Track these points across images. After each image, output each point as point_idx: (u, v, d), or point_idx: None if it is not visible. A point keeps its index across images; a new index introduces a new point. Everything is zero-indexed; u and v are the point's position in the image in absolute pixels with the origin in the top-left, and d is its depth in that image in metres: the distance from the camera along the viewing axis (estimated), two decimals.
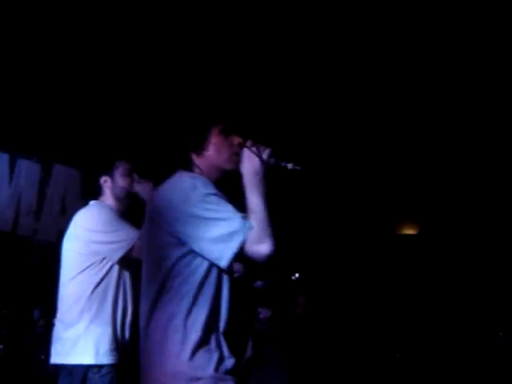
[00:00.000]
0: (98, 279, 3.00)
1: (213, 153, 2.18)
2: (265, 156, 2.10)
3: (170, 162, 2.28)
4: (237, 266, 4.90)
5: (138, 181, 3.19)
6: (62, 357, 3.02)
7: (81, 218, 3.13)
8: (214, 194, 2.03)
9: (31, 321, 4.83)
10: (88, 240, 3.02)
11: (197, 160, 2.20)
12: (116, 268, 3.04)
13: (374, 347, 6.15)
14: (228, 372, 2.06)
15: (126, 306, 3.08)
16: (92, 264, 3.01)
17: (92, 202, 3.23)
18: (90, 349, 2.94)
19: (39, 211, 5.37)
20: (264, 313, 4.64)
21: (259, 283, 4.62)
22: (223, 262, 1.98)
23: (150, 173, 3.28)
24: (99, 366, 2.94)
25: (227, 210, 2.01)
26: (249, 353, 4.69)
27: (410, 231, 7.12)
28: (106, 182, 3.21)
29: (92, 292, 2.98)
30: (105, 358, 2.96)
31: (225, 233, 1.96)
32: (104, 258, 3.01)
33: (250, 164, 2.09)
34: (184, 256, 2.02)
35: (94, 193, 3.26)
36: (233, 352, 4.96)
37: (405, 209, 6.89)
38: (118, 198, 3.20)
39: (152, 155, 4.95)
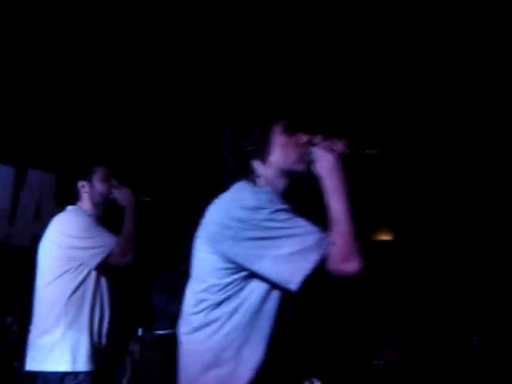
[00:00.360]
0: (75, 285, 2.96)
1: (279, 156, 1.85)
2: (341, 149, 1.81)
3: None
4: None
5: (116, 186, 3.17)
6: (37, 363, 2.97)
7: (58, 223, 3.10)
8: (283, 210, 1.72)
9: (4, 327, 4.77)
10: (65, 245, 2.98)
11: (260, 168, 1.86)
12: (93, 274, 3.01)
13: (350, 352, 6.17)
14: None
15: (103, 312, 3.05)
16: (69, 270, 2.97)
17: (69, 208, 3.19)
18: (66, 356, 2.91)
19: (13, 216, 5.30)
20: None
21: None
22: (293, 286, 1.67)
23: (128, 178, 3.27)
24: (76, 373, 2.91)
25: (299, 224, 1.70)
26: None
27: (385, 237, 7.18)
28: (83, 187, 3.18)
29: (69, 298, 2.95)
30: (81, 365, 2.92)
31: (296, 250, 1.66)
32: (81, 264, 2.98)
33: (325, 162, 1.79)
34: (236, 281, 1.73)
35: (71, 198, 3.23)
36: None
37: (380, 215, 6.95)
38: (95, 204, 3.17)
39: (130, 160, 4.93)
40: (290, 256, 1.66)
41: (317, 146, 1.82)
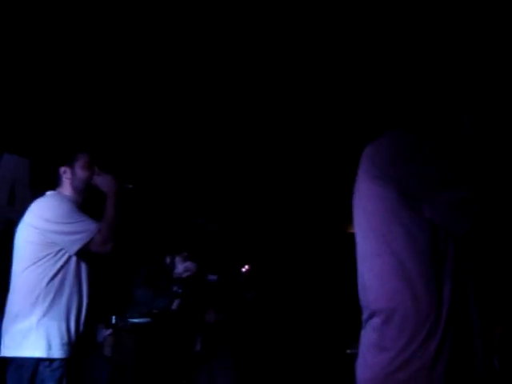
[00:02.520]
0: (53, 271, 2.94)
1: None
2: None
3: None
4: (189, 265, 4.90)
5: (98, 173, 3.15)
6: (11, 350, 2.95)
7: (38, 207, 3.07)
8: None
9: None
10: (45, 230, 2.96)
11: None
12: (73, 261, 2.99)
13: (324, 343, 6.22)
14: None
15: (82, 299, 3.03)
16: (47, 255, 2.95)
17: (50, 193, 3.17)
18: (41, 342, 2.89)
19: None
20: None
21: (212, 277, 4.62)
22: (460, 229, 1.66)
23: (111, 165, 3.25)
24: (51, 360, 2.89)
25: (460, 169, 1.71)
26: (198, 347, 4.68)
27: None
28: (65, 173, 3.15)
29: (47, 284, 2.93)
30: (57, 351, 2.91)
31: (465, 195, 1.66)
32: (60, 250, 2.96)
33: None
34: (416, 220, 1.69)
35: (50, 183, 3.20)
36: (182, 347, 4.91)
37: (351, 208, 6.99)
38: (76, 190, 3.15)
39: (112, 147, 4.89)
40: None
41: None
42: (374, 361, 1.68)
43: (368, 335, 1.75)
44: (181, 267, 4.93)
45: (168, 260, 4.98)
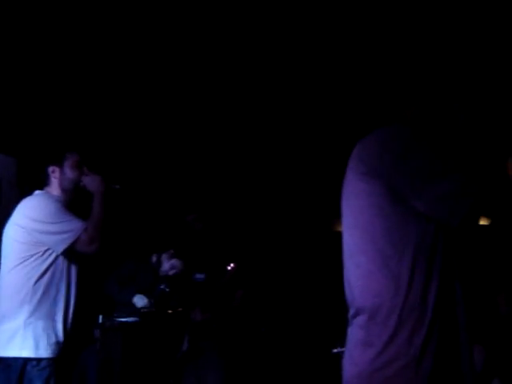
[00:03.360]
0: (40, 271, 2.94)
1: None
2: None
3: None
4: (175, 263, 4.90)
5: (86, 173, 3.15)
6: (1, 349, 2.94)
7: (26, 207, 3.07)
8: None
9: None
10: (32, 229, 2.96)
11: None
12: (60, 261, 2.99)
13: (310, 341, 6.25)
14: None
15: (69, 299, 3.03)
16: (34, 254, 2.95)
17: (37, 192, 3.16)
18: (29, 342, 2.88)
19: None
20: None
21: (200, 276, 4.62)
22: (454, 221, 1.67)
23: (99, 165, 3.25)
24: (38, 360, 2.89)
25: (450, 160, 1.71)
26: (185, 346, 4.68)
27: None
28: (54, 173, 3.15)
29: (34, 284, 2.92)
30: (44, 351, 2.91)
31: (457, 186, 1.67)
32: (47, 250, 2.96)
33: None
34: (404, 216, 1.70)
35: (37, 182, 3.19)
36: (169, 347, 4.90)
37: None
38: (64, 190, 3.15)
39: (100, 147, 4.88)
40: (451, 192, 1.67)
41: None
42: (361, 357, 1.69)
43: (354, 332, 1.76)
44: (167, 265, 4.93)
45: (154, 259, 4.98)
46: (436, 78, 1.92)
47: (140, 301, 4.86)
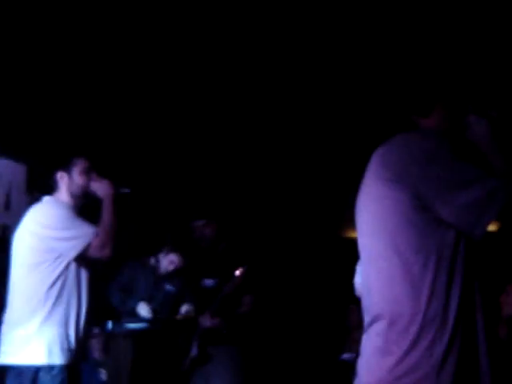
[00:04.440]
0: (53, 277, 2.93)
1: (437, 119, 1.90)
2: (494, 114, 1.88)
3: None
4: (172, 257, 4.88)
5: (95, 179, 3.14)
6: (10, 357, 2.94)
7: (36, 213, 3.07)
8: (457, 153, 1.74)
9: None
10: (43, 236, 2.95)
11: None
12: (72, 267, 2.98)
13: (318, 348, 6.22)
14: None
15: (81, 305, 3.02)
16: (46, 261, 2.94)
17: (47, 198, 3.15)
18: (41, 349, 2.88)
19: None
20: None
21: (209, 282, 4.60)
22: (479, 232, 1.67)
23: (108, 169, 3.24)
24: (51, 367, 2.88)
25: (474, 167, 1.71)
26: (194, 352, 4.67)
27: (355, 234, 7.22)
28: (62, 178, 3.14)
29: (46, 291, 2.92)
30: (56, 358, 2.90)
31: (482, 196, 1.66)
32: (59, 256, 2.95)
33: (482, 129, 1.84)
34: (427, 223, 1.69)
35: (46, 188, 3.19)
36: (178, 353, 4.87)
37: (351, 212, 6.99)
38: (73, 195, 3.14)
39: (109, 150, 4.87)
40: (477, 201, 1.67)
41: (472, 114, 1.86)
42: (379, 365, 1.67)
43: (372, 339, 1.74)
44: (165, 262, 4.93)
45: (152, 261, 4.97)
46: (456, 83, 1.93)
47: (143, 310, 4.87)
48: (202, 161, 6.18)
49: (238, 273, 4.52)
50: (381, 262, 1.75)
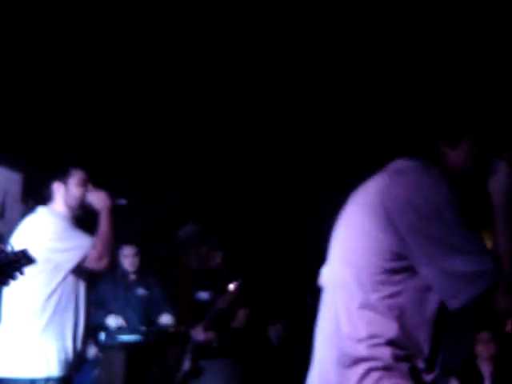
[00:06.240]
0: (50, 289, 2.92)
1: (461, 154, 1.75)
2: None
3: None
4: (126, 251, 4.83)
5: (91, 190, 3.12)
6: (6, 369, 2.91)
7: (32, 224, 3.06)
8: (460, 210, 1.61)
9: None
10: (40, 247, 2.92)
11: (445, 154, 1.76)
12: (70, 279, 2.97)
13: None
14: None
15: (78, 317, 3.01)
16: (42, 272, 2.91)
17: (42, 209, 3.13)
18: (37, 361, 2.86)
19: None
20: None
21: (204, 295, 4.58)
22: (454, 304, 1.58)
23: (104, 180, 3.23)
24: (47, 379, 2.86)
25: (475, 238, 1.60)
26: (186, 366, 4.64)
27: None
28: (59, 189, 3.12)
29: (43, 302, 2.90)
30: (53, 369, 2.89)
31: (470, 270, 1.56)
32: (55, 268, 2.94)
33: (507, 181, 1.70)
34: (400, 271, 1.62)
35: (44, 198, 3.17)
36: (171, 366, 4.82)
37: None
38: (70, 207, 3.11)
39: (105, 162, 4.86)
40: (463, 274, 1.61)
41: (501, 161, 1.73)
42: None
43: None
44: (125, 261, 5.00)
45: (119, 269, 5.02)
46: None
47: (113, 322, 4.86)
48: (197, 170, 6.18)
49: (232, 286, 4.49)
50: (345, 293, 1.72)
